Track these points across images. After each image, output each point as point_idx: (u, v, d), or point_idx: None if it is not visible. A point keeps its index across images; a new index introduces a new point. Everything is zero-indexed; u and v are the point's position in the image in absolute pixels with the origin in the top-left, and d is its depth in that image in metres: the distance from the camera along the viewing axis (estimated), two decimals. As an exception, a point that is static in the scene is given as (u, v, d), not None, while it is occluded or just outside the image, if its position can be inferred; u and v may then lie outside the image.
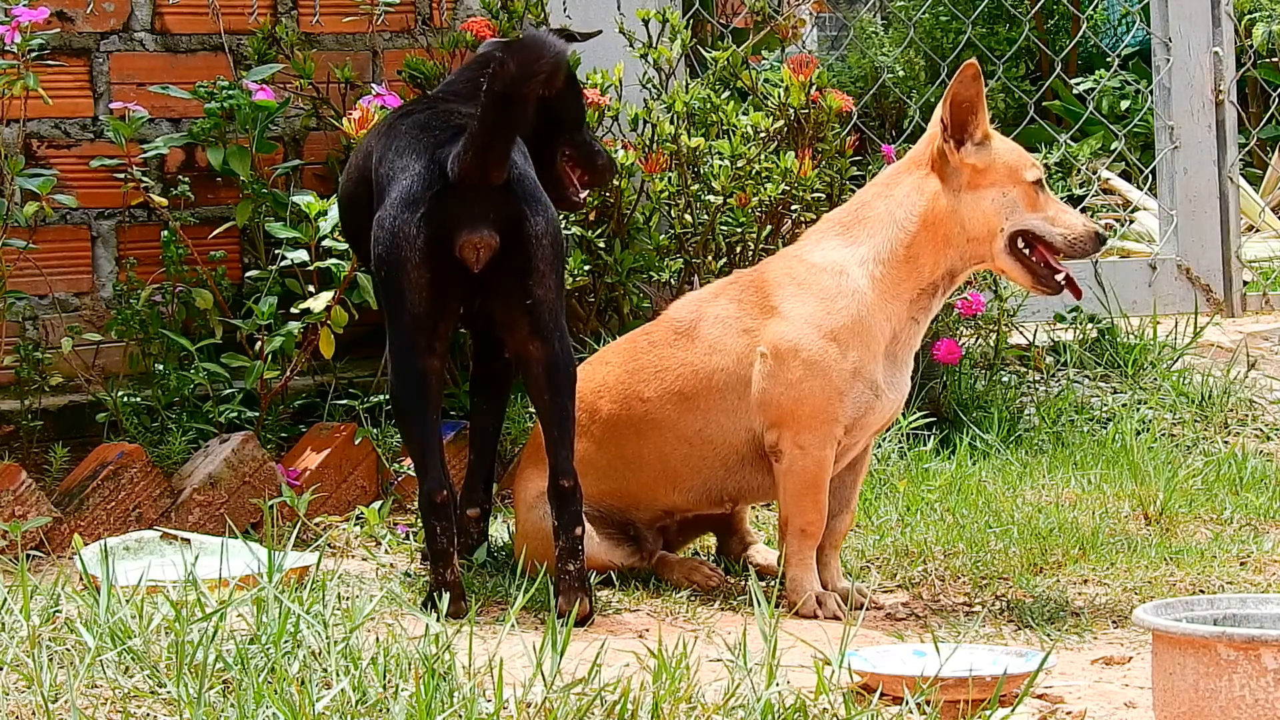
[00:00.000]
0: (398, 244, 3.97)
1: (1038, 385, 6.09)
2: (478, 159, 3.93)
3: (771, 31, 5.89)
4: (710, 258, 5.33)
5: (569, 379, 4.05)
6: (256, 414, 5.06)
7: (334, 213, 4.89)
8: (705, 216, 5.32)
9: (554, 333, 4.02)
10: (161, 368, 5.04)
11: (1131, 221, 8.03)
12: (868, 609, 4.11)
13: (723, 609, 4.11)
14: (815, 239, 4.22)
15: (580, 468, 4.17)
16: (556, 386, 4.03)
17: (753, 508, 4.67)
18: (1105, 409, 5.93)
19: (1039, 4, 8.42)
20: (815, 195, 5.33)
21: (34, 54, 4.78)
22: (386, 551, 4.63)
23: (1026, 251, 4.17)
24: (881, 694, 3.24)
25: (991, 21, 9.91)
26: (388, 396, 4.59)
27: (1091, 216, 8.02)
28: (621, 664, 3.40)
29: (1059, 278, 4.17)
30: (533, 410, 5.14)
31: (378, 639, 3.29)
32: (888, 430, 4.82)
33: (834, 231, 4.19)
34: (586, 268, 5.23)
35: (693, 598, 4.17)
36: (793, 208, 5.34)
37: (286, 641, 3.23)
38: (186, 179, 5.20)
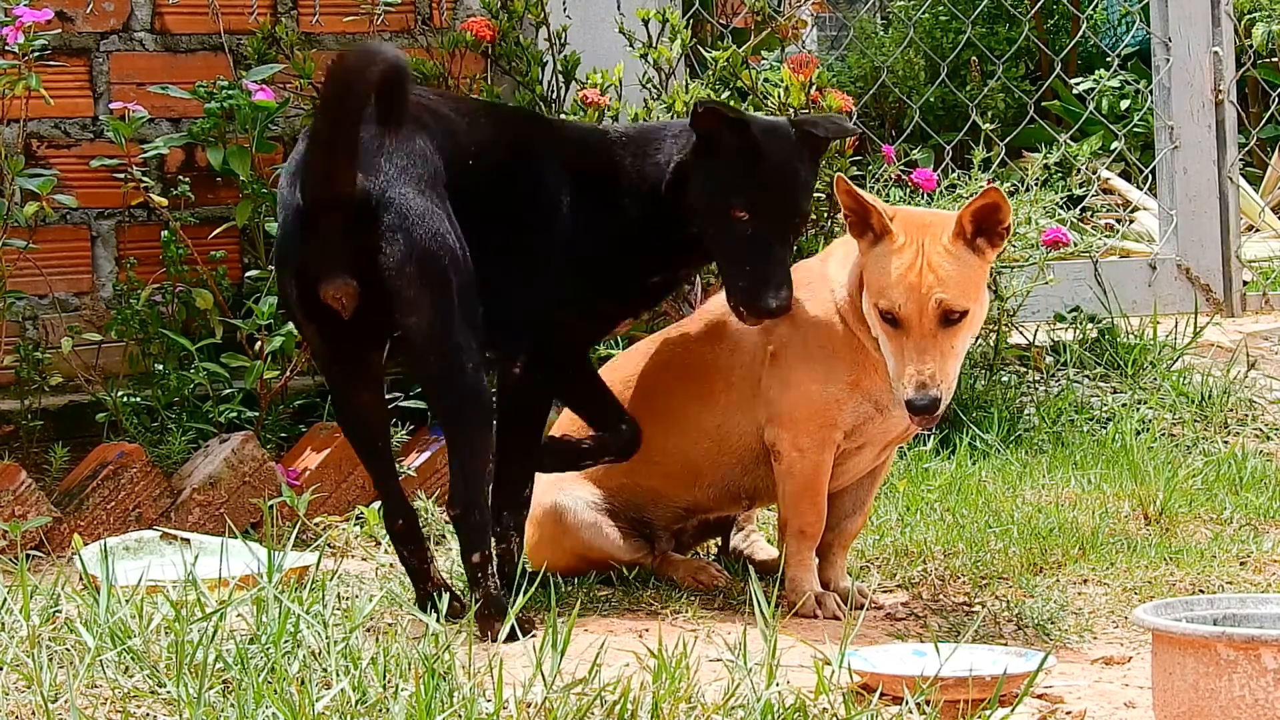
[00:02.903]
0: (286, 303, 3.89)
1: (1038, 385, 6.09)
2: (315, 175, 3.73)
3: (771, 31, 5.89)
4: (710, 258, 5.32)
5: (460, 403, 3.81)
6: (256, 414, 5.06)
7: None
8: (705, 216, 5.32)
9: (435, 357, 3.79)
10: (161, 368, 5.05)
11: (1131, 221, 8.03)
12: (868, 609, 4.11)
13: (723, 609, 4.11)
14: (832, 248, 4.21)
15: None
16: (449, 413, 3.83)
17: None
18: (1105, 409, 5.94)
19: (1039, 4, 8.42)
20: (815, 195, 5.32)
21: (36, 54, 4.79)
22: (386, 551, 4.62)
23: None
24: (881, 694, 3.24)
25: (991, 21, 9.92)
26: None
27: (1091, 216, 8.03)
28: (621, 664, 3.40)
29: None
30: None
31: (378, 639, 3.29)
32: (906, 441, 4.78)
33: (842, 249, 4.16)
34: (586, 268, 5.23)
35: (693, 598, 4.17)
36: (793, 208, 5.34)
37: (286, 641, 3.24)
38: (186, 179, 5.21)
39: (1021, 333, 6.24)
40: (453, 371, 3.79)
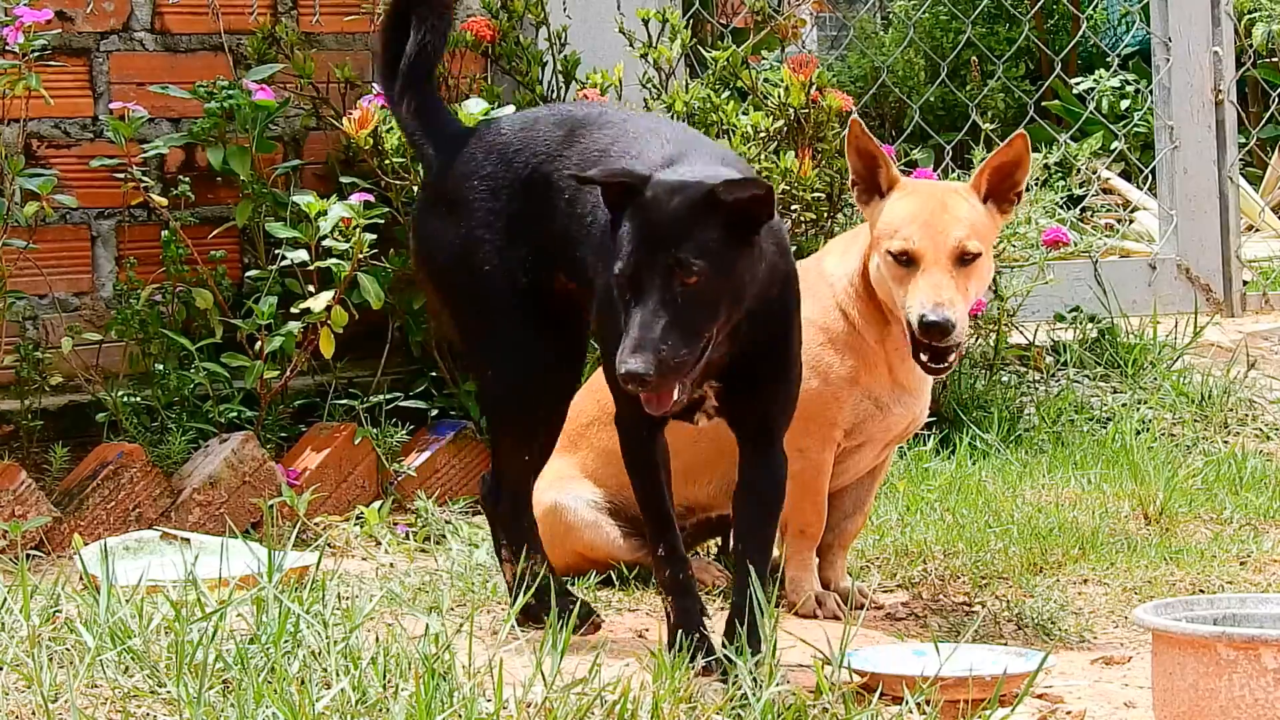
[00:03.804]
0: None
1: (1038, 385, 6.09)
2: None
3: (771, 31, 5.89)
4: (710, 258, 5.32)
5: (483, 409, 3.91)
6: (256, 414, 5.06)
7: (335, 212, 4.89)
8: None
9: (460, 360, 3.86)
10: (161, 368, 5.05)
11: (1131, 221, 8.03)
12: (868, 609, 4.11)
13: (723, 609, 4.11)
14: (829, 246, 4.22)
15: (605, 457, 4.18)
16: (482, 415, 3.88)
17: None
18: (1105, 409, 5.94)
19: (1039, 4, 8.42)
20: (815, 195, 5.33)
21: (36, 54, 4.79)
22: (386, 551, 4.63)
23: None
24: (881, 694, 3.24)
25: (991, 21, 9.92)
26: None
27: (1091, 216, 8.03)
28: (621, 664, 3.40)
29: (935, 363, 3.87)
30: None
31: (378, 639, 3.29)
32: (906, 440, 4.77)
33: (840, 244, 4.18)
34: (586, 268, 5.23)
35: (693, 598, 4.16)
36: (793, 207, 5.34)
37: (286, 641, 3.23)
38: (186, 179, 5.20)
39: (1021, 333, 6.24)
40: (475, 378, 3.89)
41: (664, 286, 3.29)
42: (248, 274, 5.26)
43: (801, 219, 5.38)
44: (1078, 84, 9.75)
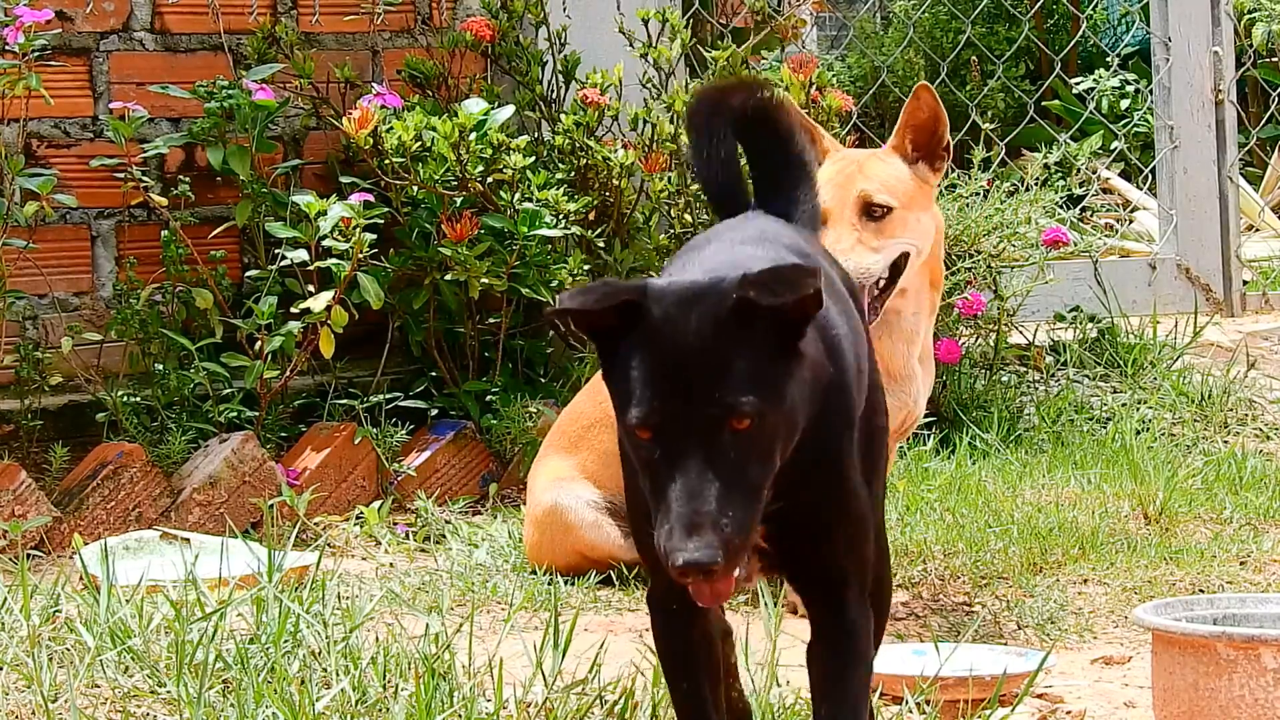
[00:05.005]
0: None
1: (1037, 385, 6.08)
2: None
3: (771, 31, 5.89)
4: (710, 257, 5.32)
5: None
6: (256, 414, 5.06)
7: (334, 212, 4.89)
8: (705, 216, 5.32)
9: None
10: (161, 367, 5.04)
11: (1131, 221, 8.03)
12: (868, 609, 4.11)
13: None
14: None
15: (604, 459, 4.16)
16: None
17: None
18: (1105, 409, 5.93)
19: (1039, 4, 8.42)
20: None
21: (36, 54, 4.79)
22: (386, 551, 4.63)
23: None
24: (881, 694, 3.23)
25: (991, 21, 9.92)
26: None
27: (1091, 216, 8.03)
28: (621, 664, 3.40)
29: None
30: (533, 410, 5.14)
31: (378, 639, 3.29)
32: (907, 438, 4.77)
33: None
34: (586, 268, 5.23)
35: (693, 597, 4.16)
36: (793, 207, 5.34)
37: (286, 641, 3.24)
38: (186, 179, 5.20)
39: (1021, 333, 6.24)
40: None
41: (708, 438, 2.35)
42: (248, 274, 5.26)
43: (801, 219, 5.38)
44: (1078, 84, 9.75)
